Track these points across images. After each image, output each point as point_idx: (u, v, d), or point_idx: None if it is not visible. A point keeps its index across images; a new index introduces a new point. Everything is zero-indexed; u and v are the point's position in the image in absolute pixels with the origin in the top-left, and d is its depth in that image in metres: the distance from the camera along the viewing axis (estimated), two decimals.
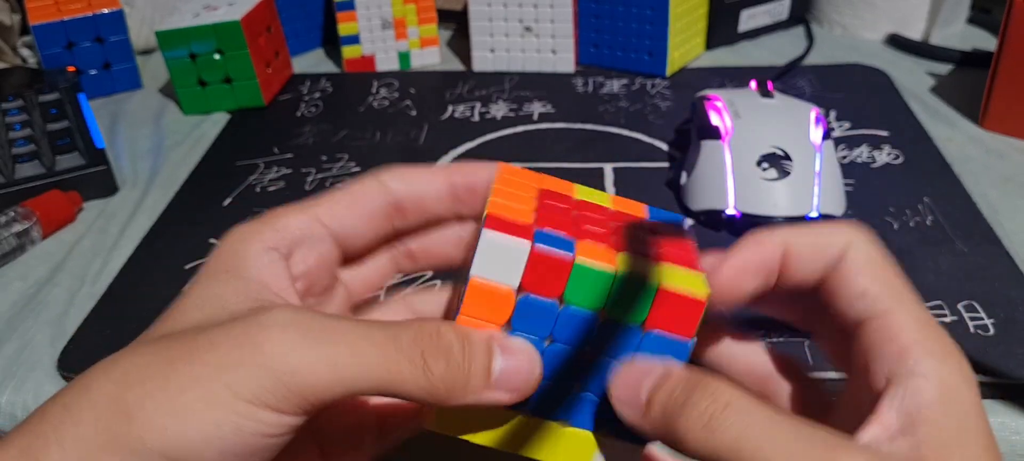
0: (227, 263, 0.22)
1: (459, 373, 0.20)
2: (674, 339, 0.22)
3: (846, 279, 0.21)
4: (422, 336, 0.20)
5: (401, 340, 0.20)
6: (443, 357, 0.20)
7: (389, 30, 0.63)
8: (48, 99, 0.53)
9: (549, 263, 0.21)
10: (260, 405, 0.19)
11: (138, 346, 0.20)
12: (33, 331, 0.38)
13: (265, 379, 0.19)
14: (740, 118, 0.43)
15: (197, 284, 0.22)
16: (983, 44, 0.63)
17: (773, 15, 0.67)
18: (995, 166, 0.47)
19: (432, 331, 0.21)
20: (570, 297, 0.22)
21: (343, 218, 0.24)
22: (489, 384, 0.21)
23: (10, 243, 0.42)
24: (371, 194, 0.25)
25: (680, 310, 0.22)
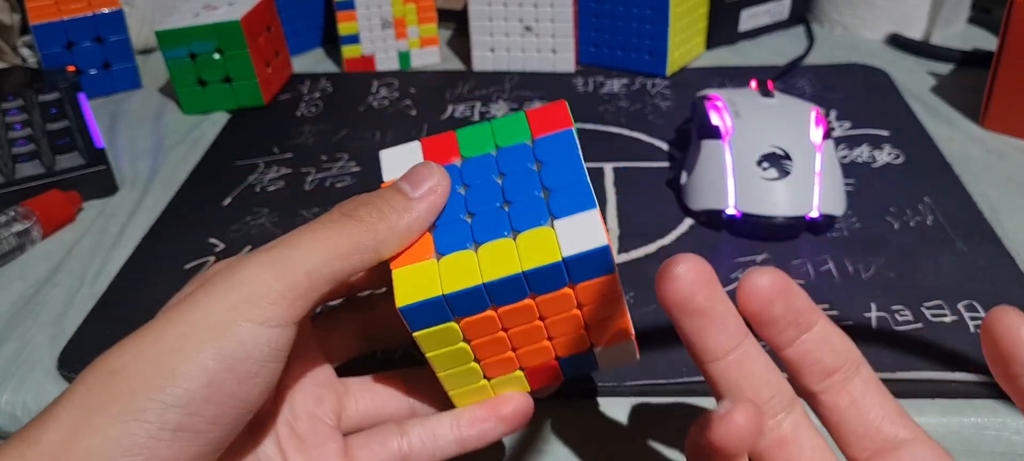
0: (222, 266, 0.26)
1: (384, 207, 0.25)
2: (558, 133, 0.27)
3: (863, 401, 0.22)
4: (343, 206, 0.25)
5: (332, 217, 0.25)
6: (362, 204, 0.25)
7: (389, 30, 0.63)
8: (48, 99, 0.53)
9: (438, 141, 0.28)
10: (242, 322, 0.22)
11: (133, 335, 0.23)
12: (33, 331, 0.38)
13: (240, 295, 0.22)
14: (740, 118, 0.43)
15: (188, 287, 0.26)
16: (984, 44, 0.63)
17: (773, 15, 0.66)
18: (996, 166, 0.47)
19: (350, 200, 0.25)
20: (465, 152, 0.27)
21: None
22: (410, 199, 0.25)
23: (10, 243, 0.42)
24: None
25: (549, 113, 0.27)
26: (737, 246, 0.41)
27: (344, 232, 0.24)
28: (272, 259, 0.23)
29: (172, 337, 0.21)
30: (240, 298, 0.22)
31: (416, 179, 0.25)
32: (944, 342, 0.34)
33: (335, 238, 0.24)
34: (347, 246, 0.24)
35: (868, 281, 0.38)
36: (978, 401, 0.32)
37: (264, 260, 0.23)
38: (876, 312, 0.36)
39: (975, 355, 0.33)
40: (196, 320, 0.22)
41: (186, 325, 0.22)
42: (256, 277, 0.22)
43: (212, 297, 0.22)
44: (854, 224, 0.42)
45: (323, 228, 0.24)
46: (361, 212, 0.24)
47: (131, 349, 0.22)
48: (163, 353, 0.21)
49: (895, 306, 0.36)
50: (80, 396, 0.21)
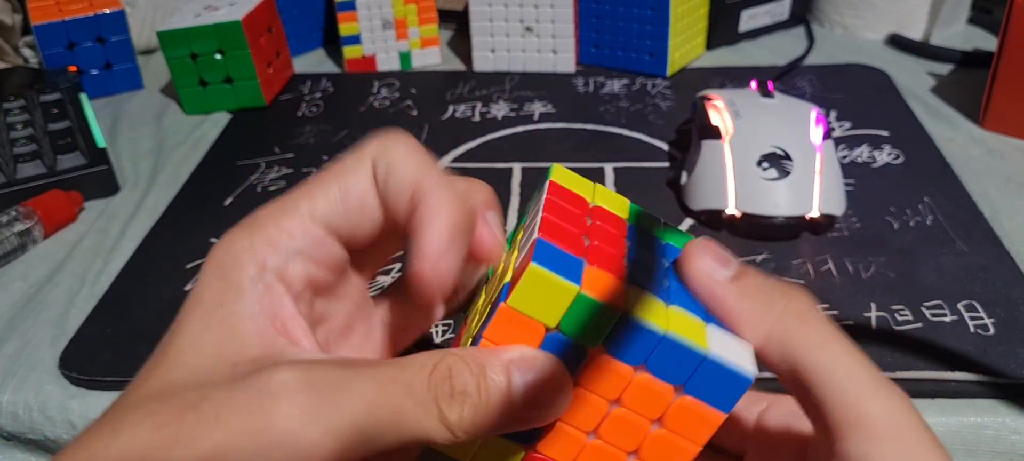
0: (218, 293, 0.21)
1: (478, 414, 0.19)
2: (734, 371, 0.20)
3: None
4: (435, 379, 0.19)
5: (415, 389, 0.19)
6: (458, 402, 0.19)
7: (390, 30, 0.63)
8: (49, 99, 0.53)
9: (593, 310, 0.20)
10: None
11: (135, 412, 0.18)
12: (34, 330, 0.38)
13: (280, 457, 0.18)
14: (741, 118, 0.43)
15: (187, 318, 0.20)
16: (984, 44, 0.63)
17: (774, 15, 0.67)
18: (996, 166, 0.47)
19: (445, 371, 0.19)
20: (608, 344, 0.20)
21: (336, 213, 0.22)
22: (512, 413, 0.20)
23: (11, 243, 0.43)
24: (362, 185, 0.22)
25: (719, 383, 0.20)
26: (737, 246, 0.41)
27: (422, 423, 0.19)
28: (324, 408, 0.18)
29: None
30: (266, 443, 0.18)
31: (541, 391, 0.20)
32: (944, 342, 0.34)
33: (409, 421, 0.19)
34: (415, 435, 0.19)
35: (868, 281, 0.38)
36: (978, 401, 0.32)
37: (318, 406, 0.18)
38: (876, 312, 0.36)
39: (975, 355, 0.33)
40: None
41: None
42: (304, 438, 0.18)
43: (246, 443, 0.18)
44: (854, 224, 0.42)
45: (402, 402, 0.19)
46: (453, 417, 0.19)
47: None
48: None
49: (895, 306, 0.36)
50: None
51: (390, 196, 0.22)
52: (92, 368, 0.35)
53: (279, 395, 0.18)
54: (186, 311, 0.21)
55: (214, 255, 0.21)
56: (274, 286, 0.21)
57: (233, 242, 0.21)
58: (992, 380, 0.32)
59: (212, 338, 0.20)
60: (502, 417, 0.19)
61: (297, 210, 0.22)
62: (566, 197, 0.23)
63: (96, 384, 0.34)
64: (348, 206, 0.22)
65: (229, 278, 0.21)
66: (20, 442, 0.35)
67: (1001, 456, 0.32)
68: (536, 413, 0.20)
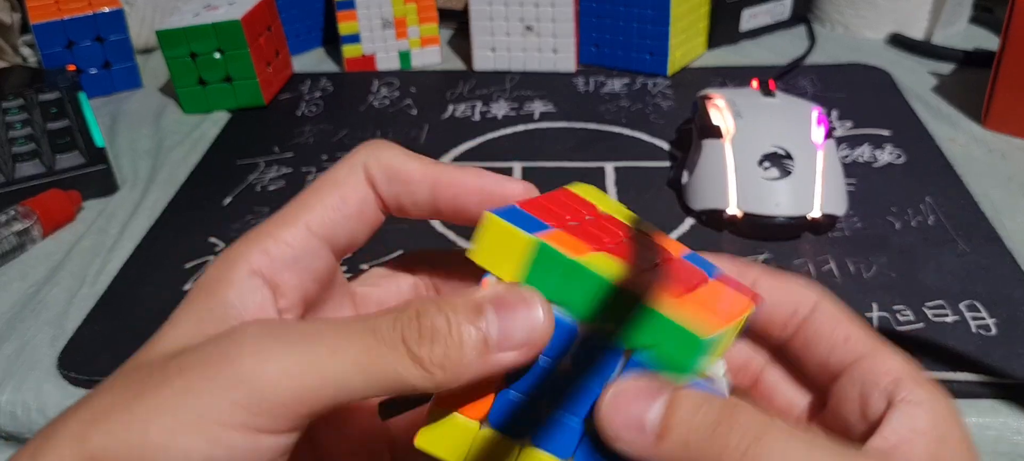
0: (210, 287, 0.21)
1: (452, 349, 0.19)
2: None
3: (828, 326, 0.22)
4: (401, 319, 0.19)
5: (381, 329, 0.19)
6: (428, 338, 0.19)
7: (390, 29, 0.63)
8: (48, 98, 0.53)
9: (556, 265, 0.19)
10: (235, 427, 0.17)
11: (110, 380, 0.19)
12: (33, 330, 0.38)
13: (238, 394, 0.17)
14: (742, 118, 0.43)
15: (178, 309, 0.21)
16: (985, 43, 0.63)
17: (775, 14, 0.66)
18: (997, 166, 0.47)
19: (412, 313, 0.19)
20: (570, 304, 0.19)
21: (335, 223, 0.23)
22: (488, 350, 0.19)
23: (10, 242, 0.42)
24: (359, 191, 0.23)
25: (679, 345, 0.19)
26: (738, 246, 0.40)
27: (397, 362, 0.19)
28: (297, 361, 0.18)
29: (158, 429, 0.18)
30: (240, 401, 0.18)
31: (511, 328, 0.19)
32: (945, 342, 0.34)
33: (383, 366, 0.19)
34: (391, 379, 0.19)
35: (869, 281, 0.38)
36: (979, 401, 0.32)
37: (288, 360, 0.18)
38: (877, 312, 0.36)
39: (977, 355, 0.33)
40: (187, 414, 0.18)
41: (175, 418, 0.18)
42: (269, 380, 0.18)
43: (210, 388, 0.18)
44: (855, 224, 0.42)
45: (376, 342, 0.19)
46: (424, 352, 0.19)
47: (115, 431, 0.18)
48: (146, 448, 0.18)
49: (896, 306, 0.36)
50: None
51: (402, 191, 0.23)
52: (91, 368, 0.35)
53: (242, 341, 0.18)
54: (176, 310, 0.21)
55: (210, 263, 0.22)
56: (261, 288, 0.21)
57: (228, 251, 0.22)
58: (994, 380, 0.32)
59: (196, 319, 0.21)
60: (478, 352, 0.19)
61: (295, 221, 0.22)
62: (570, 197, 0.23)
63: (95, 384, 0.34)
64: (346, 213, 0.23)
65: (221, 277, 0.21)
66: (19, 442, 0.35)
67: (1003, 457, 0.31)
68: (514, 344, 0.19)
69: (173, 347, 0.20)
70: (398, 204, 0.23)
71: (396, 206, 0.23)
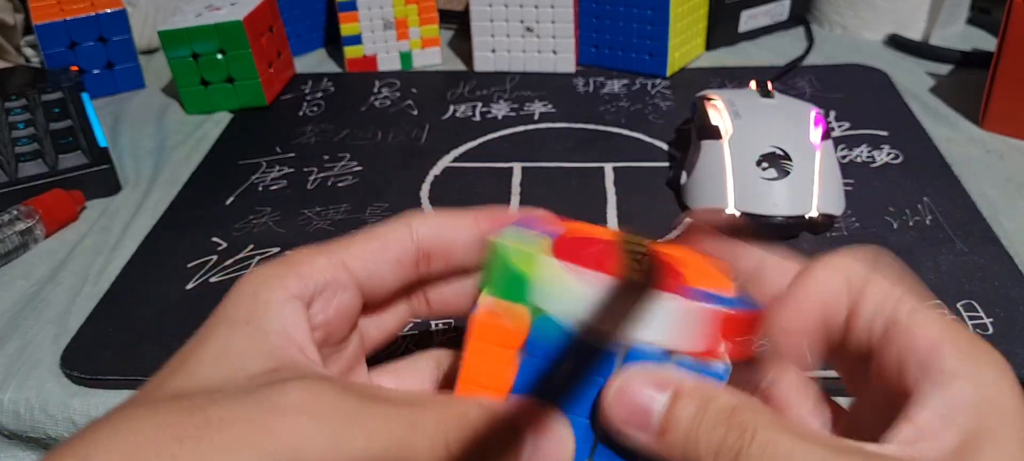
0: (246, 310, 0.21)
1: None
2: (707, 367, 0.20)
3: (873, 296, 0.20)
4: (447, 420, 0.19)
5: (423, 425, 0.19)
6: (469, 445, 0.19)
7: (391, 30, 0.63)
8: (51, 98, 0.53)
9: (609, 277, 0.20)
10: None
11: (148, 409, 0.18)
12: (35, 329, 0.38)
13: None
14: (740, 118, 0.43)
15: (212, 330, 0.21)
16: (983, 44, 0.63)
17: (773, 15, 0.67)
18: (995, 166, 0.47)
19: (457, 414, 0.19)
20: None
21: (369, 265, 0.23)
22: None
23: (13, 242, 0.43)
24: (400, 240, 0.24)
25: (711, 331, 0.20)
26: None
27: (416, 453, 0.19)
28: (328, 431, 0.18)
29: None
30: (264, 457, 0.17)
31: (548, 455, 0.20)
32: None
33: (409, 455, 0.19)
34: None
35: None
36: None
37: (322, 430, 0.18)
38: None
39: None
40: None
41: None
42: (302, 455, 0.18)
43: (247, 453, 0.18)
44: (853, 224, 0.42)
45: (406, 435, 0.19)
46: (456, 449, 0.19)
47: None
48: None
49: None
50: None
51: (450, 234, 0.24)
52: (93, 367, 0.35)
53: (285, 411, 0.18)
54: (210, 324, 0.21)
55: (245, 278, 0.22)
56: (299, 312, 0.21)
57: (266, 271, 0.22)
58: None
59: (235, 349, 0.20)
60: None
61: (332, 254, 0.23)
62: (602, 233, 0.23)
63: (97, 383, 0.34)
64: (384, 257, 0.23)
65: (258, 297, 0.21)
66: (21, 441, 0.36)
67: None
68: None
69: (210, 376, 0.19)
70: (448, 251, 0.24)
71: (445, 254, 0.24)
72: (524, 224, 0.21)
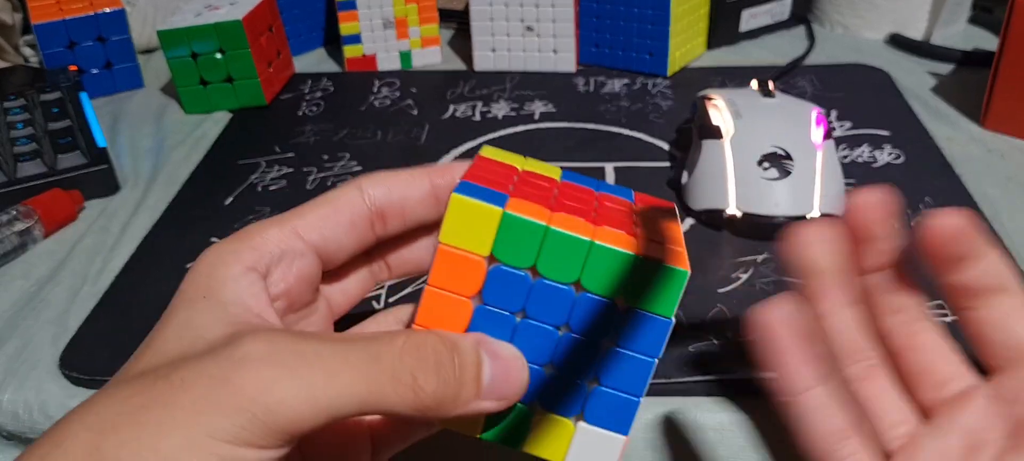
0: (203, 287, 0.22)
1: (449, 388, 0.20)
2: (651, 320, 0.21)
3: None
4: (407, 352, 0.20)
5: (383, 359, 0.19)
6: (433, 372, 0.20)
7: (390, 29, 0.63)
8: (50, 98, 0.53)
9: (528, 206, 0.21)
10: (240, 444, 0.18)
11: (114, 388, 0.19)
12: (34, 329, 0.38)
13: (243, 418, 0.18)
14: (741, 118, 0.43)
15: (172, 311, 0.21)
16: (984, 44, 0.63)
17: (774, 15, 0.67)
18: (996, 166, 0.47)
19: (416, 344, 0.20)
20: (544, 268, 0.21)
21: (323, 230, 0.24)
22: (479, 395, 0.21)
23: (12, 242, 0.43)
24: (352, 203, 0.24)
25: (656, 282, 0.21)
26: (738, 246, 0.41)
27: (394, 391, 0.19)
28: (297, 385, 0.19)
29: (167, 447, 0.18)
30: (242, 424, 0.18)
31: (502, 382, 0.21)
32: None
33: (380, 391, 0.19)
34: (385, 406, 0.19)
35: None
36: None
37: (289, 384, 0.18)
38: None
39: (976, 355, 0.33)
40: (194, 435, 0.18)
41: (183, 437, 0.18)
42: (267, 404, 0.18)
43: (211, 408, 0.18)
44: None
45: (375, 367, 0.19)
46: (429, 383, 0.20)
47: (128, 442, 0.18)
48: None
49: None
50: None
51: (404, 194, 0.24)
52: (93, 367, 0.35)
53: (243, 363, 0.19)
54: (171, 306, 0.22)
55: (201, 257, 0.23)
56: (256, 282, 0.22)
57: (220, 247, 0.23)
58: None
59: (195, 323, 0.21)
60: (468, 392, 0.20)
61: (283, 224, 0.23)
62: (493, 164, 0.24)
63: (97, 383, 0.34)
64: (337, 221, 0.24)
65: (214, 274, 0.22)
66: (20, 441, 0.35)
67: None
68: (497, 396, 0.21)
69: (173, 350, 0.20)
70: (403, 208, 0.24)
71: (400, 211, 0.25)
72: (477, 178, 0.22)
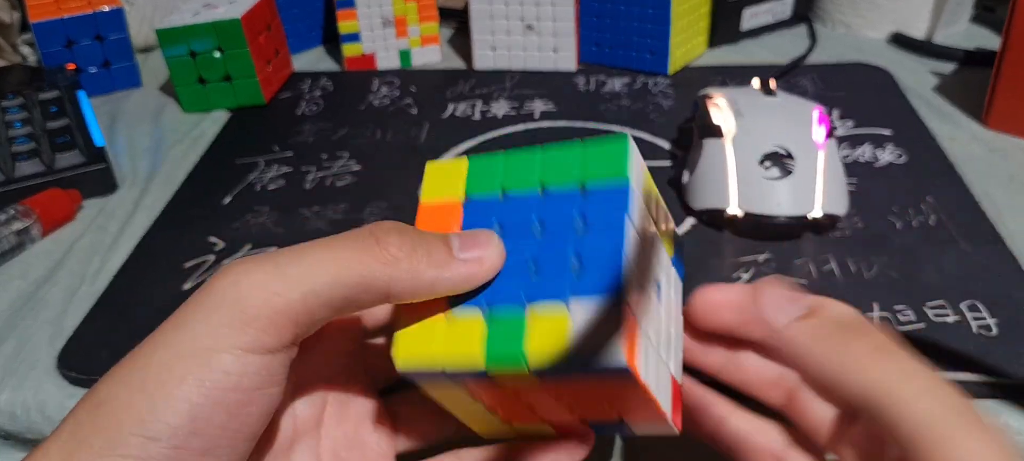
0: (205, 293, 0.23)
1: (418, 247, 0.22)
2: (611, 190, 0.23)
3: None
4: (376, 228, 0.22)
5: (348, 237, 0.22)
6: (395, 233, 0.22)
7: (390, 28, 0.63)
8: (48, 97, 0.53)
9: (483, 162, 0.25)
10: (224, 349, 0.20)
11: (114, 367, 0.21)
12: (32, 329, 0.37)
13: (223, 317, 0.20)
14: (742, 117, 0.43)
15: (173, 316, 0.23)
16: (987, 43, 0.63)
17: (776, 14, 0.66)
18: (999, 165, 0.47)
19: (384, 225, 0.22)
20: (507, 183, 0.24)
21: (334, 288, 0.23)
22: (451, 254, 0.22)
23: (10, 241, 0.42)
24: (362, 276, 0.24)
25: (607, 154, 0.24)
26: (739, 246, 0.40)
27: (361, 258, 0.21)
28: (268, 274, 0.20)
29: (156, 365, 0.20)
30: (224, 321, 0.20)
31: (471, 241, 0.23)
32: (947, 342, 0.34)
33: (348, 261, 0.21)
34: (358, 274, 0.21)
35: (870, 281, 0.37)
36: (980, 401, 0.32)
37: (260, 274, 0.20)
38: (878, 312, 0.36)
39: (978, 355, 0.33)
40: (180, 345, 0.20)
41: (170, 351, 0.20)
42: (246, 296, 0.20)
43: (198, 317, 0.20)
44: (856, 224, 0.42)
45: (340, 246, 0.21)
46: (392, 240, 0.21)
47: (119, 377, 0.20)
48: (146, 382, 0.20)
49: (897, 306, 0.36)
50: (69, 430, 0.20)
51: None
52: (90, 367, 0.34)
53: (225, 271, 0.21)
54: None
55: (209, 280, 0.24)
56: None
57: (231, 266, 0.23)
58: (995, 381, 0.32)
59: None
60: (441, 254, 0.22)
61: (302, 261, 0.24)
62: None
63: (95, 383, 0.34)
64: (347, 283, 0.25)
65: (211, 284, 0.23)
66: (18, 442, 0.35)
67: None
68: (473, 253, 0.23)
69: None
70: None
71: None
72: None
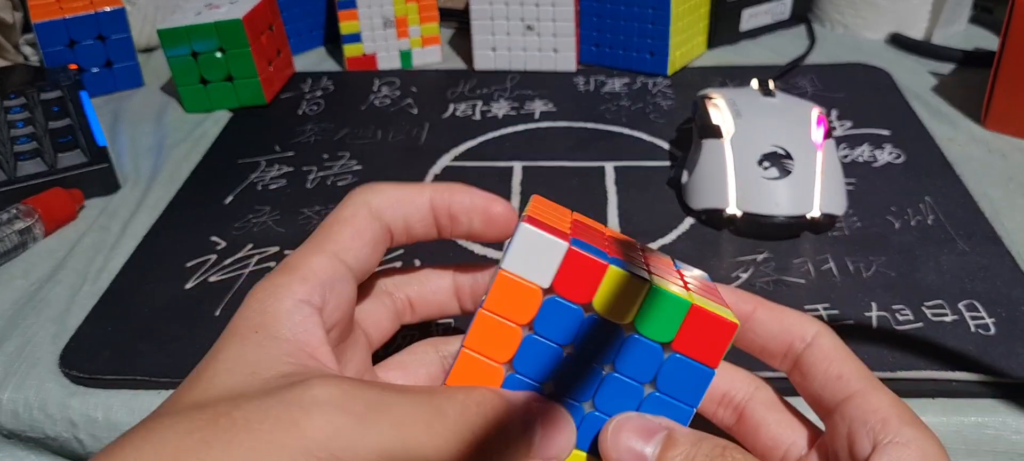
0: (255, 322, 0.22)
1: (502, 449, 0.21)
2: (698, 366, 0.22)
3: (821, 362, 0.23)
4: (468, 406, 0.20)
5: (447, 415, 0.20)
6: (485, 434, 0.20)
7: (391, 29, 0.63)
8: (50, 97, 0.53)
9: (584, 264, 0.21)
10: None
11: (170, 419, 0.19)
12: (35, 328, 0.38)
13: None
14: (741, 117, 0.43)
15: (223, 345, 0.21)
16: (985, 43, 0.63)
17: (775, 14, 0.66)
18: (997, 165, 0.47)
19: (477, 401, 0.21)
20: (599, 304, 0.21)
21: (355, 252, 0.24)
22: (529, 453, 0.21)
23: (12, 240, 0.43)
24: (369, 223, 0.24)
25: (709, 333, 0.21)
26: (738, 245, 0.41)
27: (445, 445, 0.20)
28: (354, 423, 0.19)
29: None
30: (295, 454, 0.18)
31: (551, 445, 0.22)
32: (944, 341, 0.34)
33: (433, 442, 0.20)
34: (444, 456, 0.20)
35: (869, 280, 0.38)
36: (978, 400, 0.32)
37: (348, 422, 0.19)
38: (877, 311, 0.36)
39: (976, 354, 0.33)
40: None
41: None
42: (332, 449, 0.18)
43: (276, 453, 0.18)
44: (855, 223, 0.42)
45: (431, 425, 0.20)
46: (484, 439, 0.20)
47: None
48: None
49: (896, 305, 0.36)
50: None
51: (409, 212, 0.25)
52: (93, 366, 0.35)
53: (312, 408, 0.19)
54: (222, 338, 0.22)
55: (253, 291, 0.23)
56: (310, 316, 0.22)
57: (270, 281, 0.23)
58: (993, 380, 0.32)
59: (247, 358, 0.21)
60: (518, 455, 0.21)
61: (323, 250, 0.23)
62: (547, 209, 0.25)
63: (96, 382, 0.34)
64: (364, 240, 0.24)
65: (266, 308, 0.22)
66: (20, 440, 0.35)
67: (1002, 456, 0.32)
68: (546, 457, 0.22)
69: (226, 385, 0.20)
70: (407, 226, 0.25)
71: (404, 229, 0.25)
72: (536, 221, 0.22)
